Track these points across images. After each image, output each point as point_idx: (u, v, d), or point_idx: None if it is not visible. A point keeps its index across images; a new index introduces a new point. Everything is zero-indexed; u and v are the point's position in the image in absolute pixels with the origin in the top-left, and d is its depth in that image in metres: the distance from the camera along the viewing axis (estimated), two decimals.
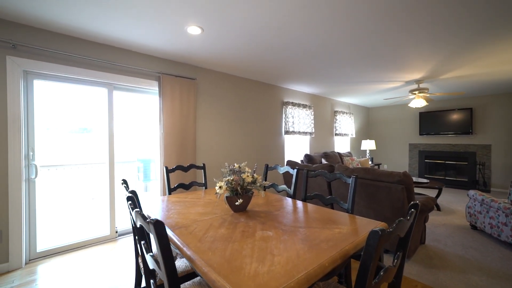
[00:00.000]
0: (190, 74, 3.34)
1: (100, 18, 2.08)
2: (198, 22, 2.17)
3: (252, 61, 3.22)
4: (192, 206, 1.71)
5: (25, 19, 2.10)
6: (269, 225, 1.32)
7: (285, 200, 1.88)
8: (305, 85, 4.58)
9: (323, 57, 3.06)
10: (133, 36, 2.42)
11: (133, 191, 1.20)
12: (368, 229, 1.24)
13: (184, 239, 1.13)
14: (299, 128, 4.93)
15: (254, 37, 2.49)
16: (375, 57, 3.08)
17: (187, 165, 2.36)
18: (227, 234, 1.19)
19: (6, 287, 1.92)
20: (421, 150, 6.46)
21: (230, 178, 1.49)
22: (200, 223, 1.35)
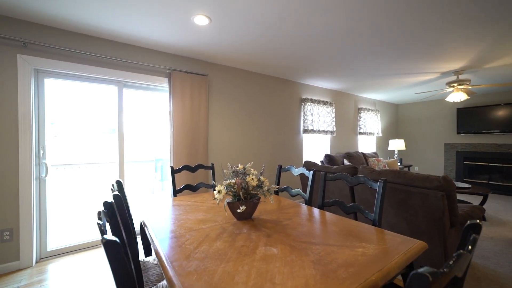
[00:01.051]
0: (201, 70, 3.21)
1: (105, 13, 2.01)
2: (205, 10, 2.00)
3: (267, 55, 3.00)
4: (193, 211, 1.53)
5: (35, 17, 2.09)
6: (275, 239, 1.09)
7: (299, 207, 1.64)
8: (326, 80, 4.25)
9: (347, 47, 2.75)
10: (140, 30, 2.33)
11: (117, 195, 1.05)
12: (401, 250, 0.97)
13: (170, 254, 0.95)
14: (319, 126, 4.60)
15: (270, 28, 2.27)
16: (406, 45, 2.70)
17: (195, 165, 2.21)
18: (223, 250, 0.99)
19: (13, 286, 1.91)
20: (459, 150, 5.74)
21: (231, 181, 1.29)
22: (195, 233, 1.16)
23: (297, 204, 1.70)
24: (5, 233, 2.08)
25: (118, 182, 1.41)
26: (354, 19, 2.12)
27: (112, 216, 0.92)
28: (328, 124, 4.78)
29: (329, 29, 2.32)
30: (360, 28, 2.31)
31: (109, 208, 0.91)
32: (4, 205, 2.08)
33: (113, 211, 0.92)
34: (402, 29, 2.33)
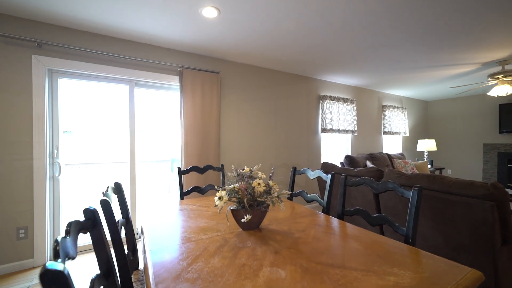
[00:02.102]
0: (213, 67, 3.11)
1: (115, 10, 1.95)
2: (214, 1, 1.87)
3: (281, 48, 2.81)
4: (196, 217, 1.40)
5: (49, 18, 2.10)
6: (284, 257, 0.91)
7: (315, 215, 1.44)
8: (346, 75, 3.95)
9: (370, 36, 2.47)
10: (150, 27, 2.26)
11: (105, 201, 0.94)
12: (448, 282, 0.74)
13: (159, 272, 0.81)
14: (339, 125, 4.30)
15: (284, 18, 2.09)
16: (440, 32, 2.36)
17: (203, 166, 2.09)
18: (220, 269, 0.83)
19: (26, 284, 1.91)
20: (502, 152, 5.09)
21: (236, 186, 1.13)
22: (193, 245, 1.02)
23: (313, 212, 1.49)
24: (21, 231, 2.11)
25: (117, 184, 1.32)
26: (378, 0, 1.87)
27: (94, 226, 0.80)
28: (349, 123, 4.46)
29: (351, 15, 2.08)
30: (386, 12, 2.04)
31: (91, 217, 0.79)
32: (19, 204, 2.11)
33: (95, 220, 0.80)
34: (436, 13, 2.02)
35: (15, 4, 1.89)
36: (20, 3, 1.88)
